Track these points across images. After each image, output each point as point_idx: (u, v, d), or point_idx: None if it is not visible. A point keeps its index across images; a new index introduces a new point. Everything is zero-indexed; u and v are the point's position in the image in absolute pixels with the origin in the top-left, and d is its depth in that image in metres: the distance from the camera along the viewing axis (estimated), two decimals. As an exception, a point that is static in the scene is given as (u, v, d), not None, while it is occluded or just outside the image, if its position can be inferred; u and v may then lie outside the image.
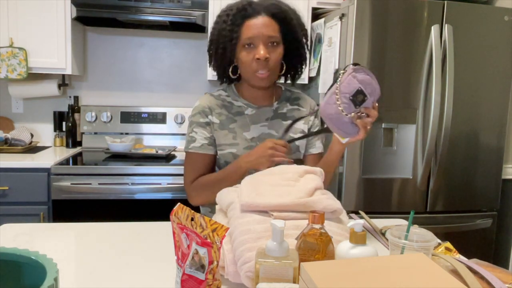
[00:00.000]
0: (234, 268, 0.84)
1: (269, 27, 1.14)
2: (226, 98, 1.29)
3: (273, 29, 1.14)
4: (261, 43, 1.13)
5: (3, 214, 2.09)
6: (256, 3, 1.17)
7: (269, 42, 1.14)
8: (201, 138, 1.24)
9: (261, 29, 1.13)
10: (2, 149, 2.38)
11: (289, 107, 1.32)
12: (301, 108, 1.33)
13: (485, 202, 2.24)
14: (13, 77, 2.36)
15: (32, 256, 0.59)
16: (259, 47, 1.13)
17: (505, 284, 0.80)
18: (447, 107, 2.09)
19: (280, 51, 1.17)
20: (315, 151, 1.34)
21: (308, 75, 2.56)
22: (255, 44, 1.14)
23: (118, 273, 0.92)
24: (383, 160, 2.13)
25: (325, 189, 1.01)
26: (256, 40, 1.14)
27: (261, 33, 1.13)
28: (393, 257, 0.70)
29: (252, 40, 1.14)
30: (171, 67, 2.84)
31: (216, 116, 1.25)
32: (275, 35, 1.15)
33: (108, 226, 1.20)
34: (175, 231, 0.76)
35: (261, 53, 1.12)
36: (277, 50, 1.16)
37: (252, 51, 1.15)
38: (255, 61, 1.14)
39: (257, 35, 1.13)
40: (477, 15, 2.12)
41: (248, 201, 0.91)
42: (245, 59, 1.16)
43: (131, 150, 2.48)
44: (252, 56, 1.15)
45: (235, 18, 1.15)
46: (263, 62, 1.14)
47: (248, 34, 1.14)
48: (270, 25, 1.14)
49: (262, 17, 1.14)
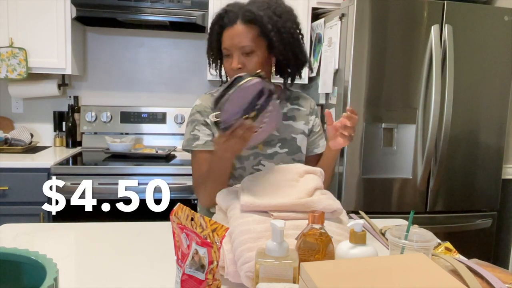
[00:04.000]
0: (234, 268, 0.84)
1: (242, 36, 1.14)
2: None
3: (246, 38, 1.14)
4: (236, 53, 1.15)
5: (3, 214, 2.09)
6: (232, 10, 1.17)
7: (243, 50, 1.15)
8: (204, 135, 1.23)
9: (235, 39, 1.14)
10: (2, 149, 2.37)
11: (289, 107, 1.32)
12: (301, 107, 1.33)
13: (485, 202, 2.24)
14: (13, 77, 2.36)
15: (32, 256, 0.59)
16: (233, 57, 1.16)
17: (505, 284, 0.80)
18: (447, 107, 2.09)
19: (257, 58, 1.16)
20: (319, 151, 1.34)
21: (308, 75, 2.56)
22: (231, 54, 1.17)
23: (118, 273, 0.92)
24: (383, 160, 2.13)
25: (326, 188, 1.02)
26: (231, 50, 1.16)
27: (234, 43, 1.15)
28: (393, 257, 0.70)
29: (228, 50, 1.17)
30: (171, 67, 2.84)
31: None
32: (248, 44, 1.14)
33: (108, 226, 1.20)
34: (175, 231, 0.76)
35: (232, 64, 1.16)
36: (252, 58, 1.16)
37: (229, 60, 1.18)
38: (232, 70, 1.17)
39: (231, 45, 1.15)
40: (477, 15, 2.12)
41: (248, 201, 0.91)
42: (226, 67, 1.21)
43: (131, 150, 2.48)
44: (229, 65, 1.18)
45: (214, 28, 1.20)
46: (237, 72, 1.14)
47: (224, 44, 1.17)
48: (244, 34, 1.14)
49: (238, 25, 1.15)
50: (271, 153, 1.24)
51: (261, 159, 1.23)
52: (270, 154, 1.24)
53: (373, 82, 2.06)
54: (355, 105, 2.06)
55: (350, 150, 2.08)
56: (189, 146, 1.24)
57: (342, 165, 2.10)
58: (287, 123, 1.29)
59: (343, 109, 2.10)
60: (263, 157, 1.23)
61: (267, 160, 1.24)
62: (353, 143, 2.07)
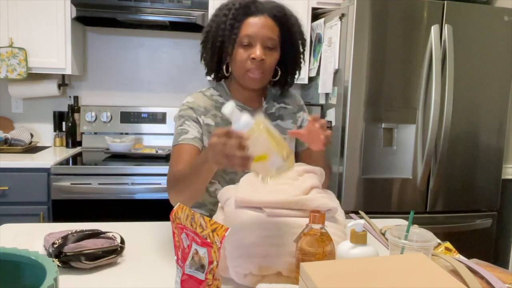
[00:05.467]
0: (224, 263, 0.86)
1: (269, 29, 1.12)
2: (219, 99, 1.25)
3: (273, 32, 1.12)
4: (259, 43, 1.11)
5: (3, 214, 2.09)
6: (260, 2, 1.15)
7: (267, 44, 1.12)
8: (194, 131, 1.18)
9: (262, 29, 1.11)
10: (2, 149, 2.37)
11: (277, 106, 1.29)
12: (287, 106, 1.31)
13: (484, 202, 2.24)
14: (13, 77, 2.36)
15: (32, 256, 0.59)
16: (256, 46, 1.11)
17: (505, 284, 0.80)
18: (447, 107, 2.09)
19: (276, 56, 1.15)
20: None
21: (308, 75, 2.56)
22: (253, 43, 1.11)
23: (118, 273, 0.92)
24: (383, 160, 2.13)
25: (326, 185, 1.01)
26: (254, 39, 1.11)
27: (261, 33, 1.10)
28: (393, 257, 0.70)
29: (250, 38, 1.11)
30: (171, 67, 2.84)
31: (212, 118, 1.21)
32: (274, 38, 1.13)
33: (108, 226, 1.20)
34: (175, 231, 0.76)
35: (257, 53, 1.10)
36: (273, 54, 1.14)
37: (249, 50, 1.12)
38: (250, 60, 1.12)
39: (257, 34, 1.10)
40: (477, 15, 2.12)
41: (243, 197, 0.92)
42: (240, 57, 1.13)
43: (131, 150, 2.48)
44: (248, 55, 1.12)
45: (237, 13, 1.12)
46: (257, 63, 1.11)
47: (247, 31, 1.11)
48: (271, 27, 1.12)
49: (265, 17, 1.12)
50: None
51: None
52: None
53: (373, 82, 2.06)
54: (355, 105, 2.06)
55: (350, 150, 2.08)
56: (176, 141, 1.17)
57: (342, 165, 2.10)
58: (275, 123, 1.26)
59: (343, 109, 2.10)
60: None
61: None
62: (353, 143, 2.07)
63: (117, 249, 0.97)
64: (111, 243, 0.97)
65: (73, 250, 0.90)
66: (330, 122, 2.25)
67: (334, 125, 2.21)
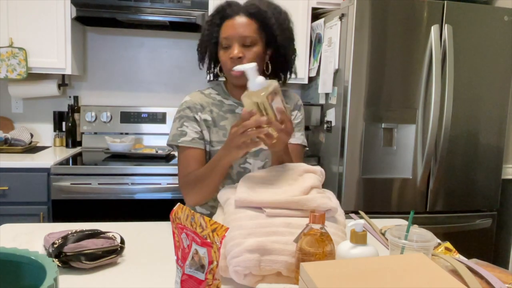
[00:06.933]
0: (224, 263, 0.86)
1: (245, 27, 1.16)
2: (216, 97, 1.30)
3: (249, 29, 1.16)
4: (236, 43, 1.16)
5: (3, 214, 2.09)
6: (236, 4, 1.20)
7: (244, 42, 1.16)
8: (192, 132, 1.23)
9: (237, 29, 1.16)
10: (2, 149, 2.37)
11: None
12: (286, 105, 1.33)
13: (484, 202, 2.24)
14: (13, 77, 2.36)
15: (32, 256, 0.59)
16: (233, 46, 1.16)
17: (505, 284, 0.80)
18: (447, 107, 2.09)
19: (257, 50, 1.18)
20: (294, 141, 1.32)
21: (308, 75, 2.56)
22: (231, 44, 1.17)
23: (118, 273, 0.92)
24: (383, 160, 2.13)
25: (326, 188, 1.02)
26: (231, 40, 1.16)
27: (237, 33, 1.15)
28: (393, 257, 0.70)
29: (228, 40, 1.17)
30: (171, 67, 2.84)
31: (208, 114, 1.26)
32: (250, 35, 1.16)
33: (108, 226, 1.20)
34: (175, 231, 0.76)
35: (234, 52, 1.15)
36: (252, 49, 1.17)
37: (228, 51, 1.18)
38: (229, 60, 1.17)
39: (233, 35, 1.16)
40: (477, 15, 2.12)
41: (242, 197, 0.92)
42: (222, 58, 1.20)
43: (131, 150, 2.48)
44: (228, 56, 1.17)
45: (214, 19, 1.20)
46: (236, 61, 1.16)
47: (224, 34, 1.17)
48: (246, 25, 1.16)
49: (240, 17, 1.17)
50: (256, 150, 1.24)
51: (246, 157, 1.24)
52: (255, 152, 1.24)
53: (373, 82, 2.06)
54: (355, 105, 2.06)
55: (350, 150, 2.08)
56: (175, 141, 1.24)
57: (342, 165, 2.10)
58: None
59: (343, 109, 2.10)
60: (248, 155, 1.24)
61: (253, 158, 1.24)
62: (353, 143, 2.07)
63: (117, 249, 0.97)
64: (111, 243, 0.97)
65: (73, 250, 0.90)
66: (330, 122, 2.25)
67: (334, 125, 2.21)
